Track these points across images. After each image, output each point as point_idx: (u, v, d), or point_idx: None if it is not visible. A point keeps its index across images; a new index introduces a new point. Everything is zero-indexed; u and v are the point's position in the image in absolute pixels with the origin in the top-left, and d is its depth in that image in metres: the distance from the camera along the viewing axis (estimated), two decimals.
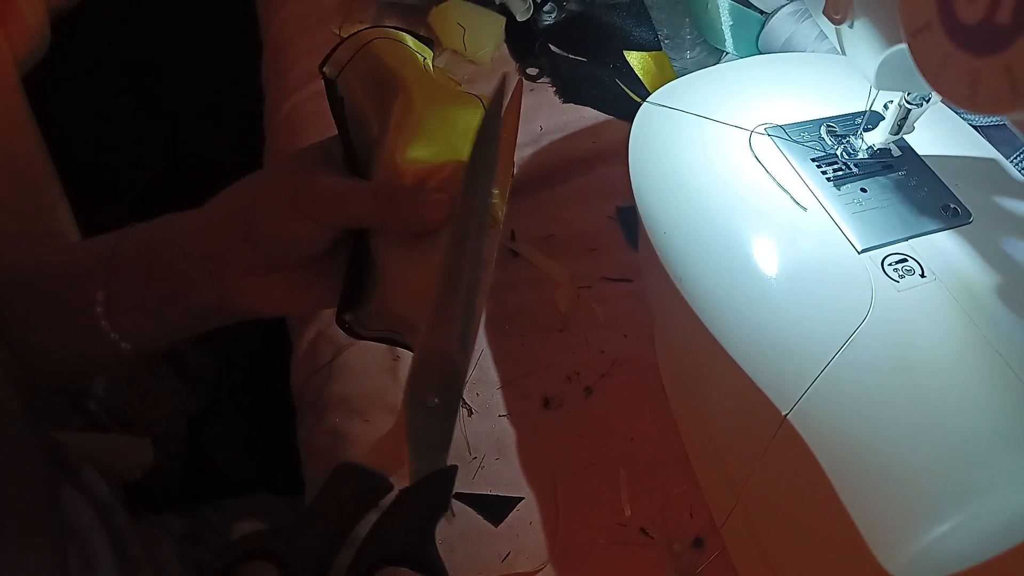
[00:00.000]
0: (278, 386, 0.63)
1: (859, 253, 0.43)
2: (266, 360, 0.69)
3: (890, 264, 0.43)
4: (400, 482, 0.35)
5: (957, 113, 0.53)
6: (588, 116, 0.69)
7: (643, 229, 0.48)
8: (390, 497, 0.35)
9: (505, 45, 0.75)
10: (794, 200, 0.46)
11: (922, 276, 0.42)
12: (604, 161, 0.66)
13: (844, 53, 0.42)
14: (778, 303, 0.42)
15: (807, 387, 0.38)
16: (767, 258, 0.44)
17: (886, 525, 0.34)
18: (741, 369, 0.40)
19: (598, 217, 0.63)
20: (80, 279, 0.43)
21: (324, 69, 0.40)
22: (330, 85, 0.40)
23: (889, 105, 0.45)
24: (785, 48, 0.68)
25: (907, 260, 0.43)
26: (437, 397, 0.37)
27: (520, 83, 0.44)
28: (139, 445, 0.64)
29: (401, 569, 0.32)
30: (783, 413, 0.38)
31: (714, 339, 0.42)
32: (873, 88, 0.42)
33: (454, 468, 0.35)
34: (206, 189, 0.44)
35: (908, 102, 0.43)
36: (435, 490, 0.34)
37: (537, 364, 0.55)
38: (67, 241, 0.68)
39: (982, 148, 0.50)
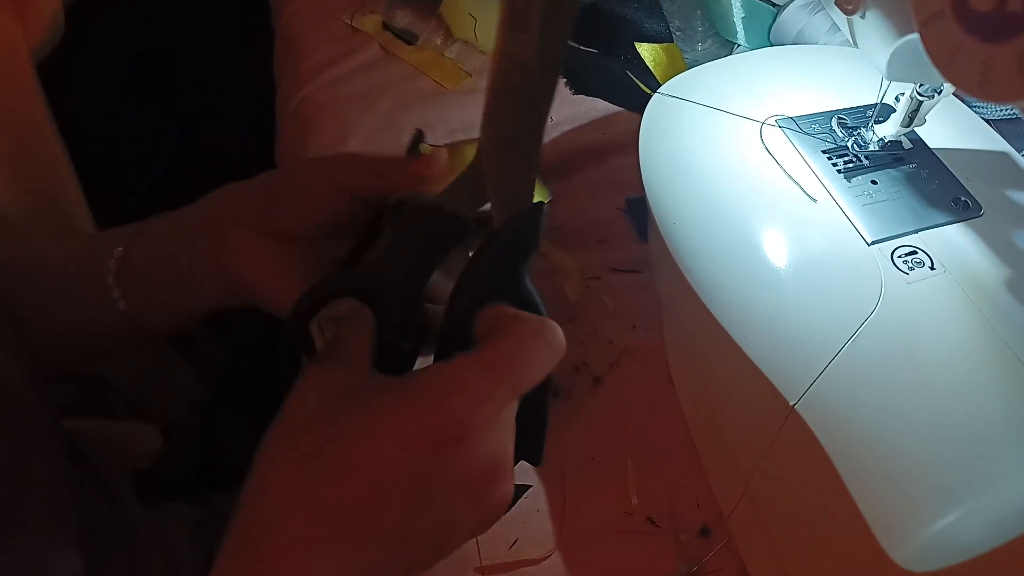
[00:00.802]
0: (289, 373, 0.63)
1: (869, 245, 0.43)
2: (276, 345, 0.69)
3: (900, 256, 0.43)
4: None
5: (969, 107, 0.53)
6: (599, 108, 0.70)
7: (653, 220, 0.48)
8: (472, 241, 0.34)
9: None
10: (804, 192, 0.46)
11: (931, 268, 0.42)
12: (614, 152, 0.66)
13: (856, 44, 0.42)
14: (787, 294, 0.42)
15: (815, 378, 0.38)
16: (777, 249, 0.44)
17: (893, 515, 0.34)
18: (750, 359, 0.40)
19: (608, 208, 0.63)
20: (100, 246, 0.44)
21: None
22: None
23: (900, 97, 0.45)
24: (797, 40, 0.68)
25: (917, 252, 0.43)
26: (517, 126, 0.32)
27: None
28: (149, 432, 0.64)
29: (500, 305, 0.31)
30: (791, 403, 0.38)
31: (723, 329, 0.42)
32: (885, 79, 0.42)
33: (542, 205, 0.33)
34: (218, 179, 0.45)
35: (920, 94, 0.43)
36: (524, 229, 0.32)
37: None
38: (83, 232, 0.69)
39: (994, 142, 0.50)
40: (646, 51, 0.72)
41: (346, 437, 0.28)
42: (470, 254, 0.33)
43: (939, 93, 0.43)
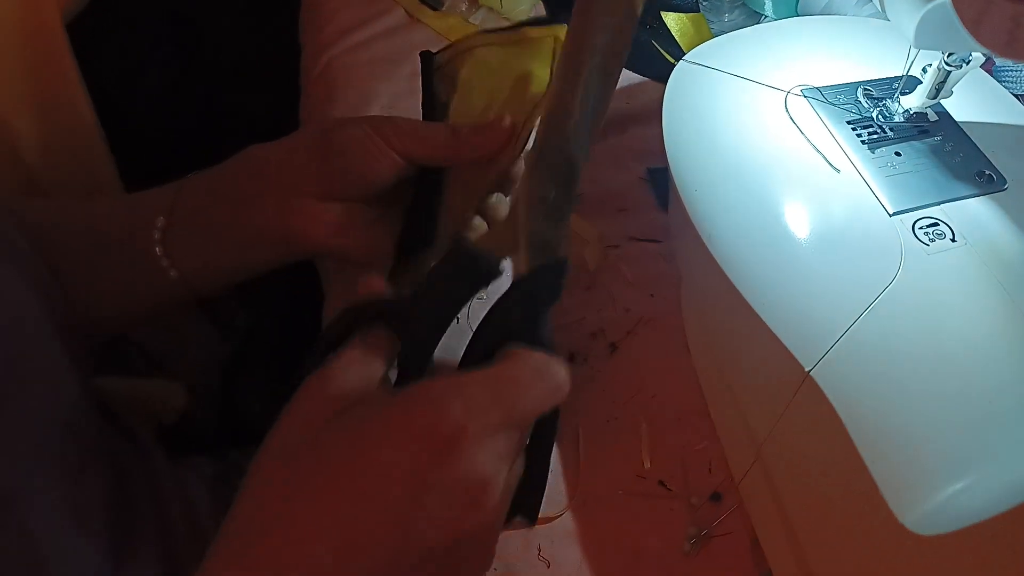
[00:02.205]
0: (310, 334, 0.64)
1: (890, 216, 0.43)
2: (298, 309, 0.70)
3: (921, 228, 0.43)
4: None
5: (998, 81, 0.53)
6: (623, 77, 0.69)
7: (674, 187, 0.48)
8: (500, 285, 0.35)
9: (541, 3, 0.75)
10: (827, 161, 0.46)
11: (953, 240, 0.42)
12: (637, 122, 0.66)
13: (884, 12, 0.41)
14: (807, 261, 0.42)
15: (832, 344, 0.38)
16: (798, 217, 0.44)
17: (904, 480, 0.35)
18: (767, 326, 0.40)
19: (629, 178, 0.63)
20: (141, 211, 0.45)
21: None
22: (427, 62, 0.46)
23: (928, 69, 0.45)
24: (825, 13, 0.68)
25: (938, 224, 0.43)
26: (554, 191, 0.36)
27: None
28: (173, 389, 0.65)
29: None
30: (807, 369, 0.38)
31: (741, 296, 0.42)
32: (912, 48, 0.42)
33: (565, 260, 0.35)
34: (243, 139, 0.45)
35: (947, 64, 0.42)
36: (547, 281, 0.34)
37: (564, 320, 0.56)
38: (112, 191, 0.70)
39: (1021, 116, 0.50)
40: (672, 20, 0.72)
41: (344, 441, 0.29)
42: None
43: (967, 63, 0.42)
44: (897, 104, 0.48)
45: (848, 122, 0.48)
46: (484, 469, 0.29)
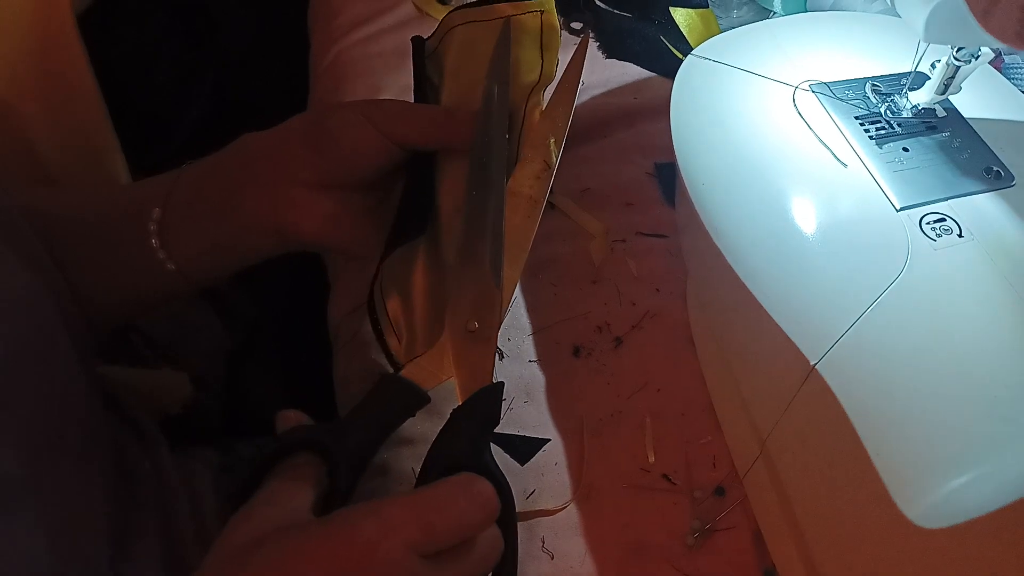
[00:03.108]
0: (315, 325, 0.64)
1: (897, 211, 0.43)
2: (303, 300, 0.71)
3: (928, 223, 0.43)
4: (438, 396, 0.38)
5: (1007, 78, 0.53)
6: (631, 72, 0.69)
7: (681, 181, 0.48)
8: (425, 411, 0.38)
9: None
10: (835, 156, 0.46)
11: (960, 236, 0.42)
12: (645, 117, 0.66)
13: (894, 6, 0.41)
14: (814, 256, 0.42)
15: (838, 338, 0.38)
16: (805, 212, 0.44)
17: (908, 473, 0.35)
18: (773, 320, 0.40)
19: (636, 173, 0.63)
20: (138, 201, 0.45)
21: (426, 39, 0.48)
22: (419, 47, 0.48)
23: (936, 64, 0.45)
24: (834, 9, 0.67)
25: (945, 220, 0.43)
26: (476, 321, 0.39)
27: (585, 41, 0.48)
28: (179, 380, 0.66)
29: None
30: (812, 363, 0.38)
31: (747, 290, 0.42)
32: (921, 43, 0.42)
33: (500, 384, 0.38)
34: (251, 131, 0.45)
35: (956, 59, 0.42)
36: (484, 406, 0.37)
37: (569, 313, 0.56)
38: (115, 186, 0.70)
39: None
40: (681, 16, 0.72)
41: (270, 563, 0.29)
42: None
43: (976, 59, 0.42)
44: (905, 100, 0.47)
45: (856, 117, 0.48)
46: None
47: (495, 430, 0.41)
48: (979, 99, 0.49)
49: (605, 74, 0.69)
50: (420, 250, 0.44)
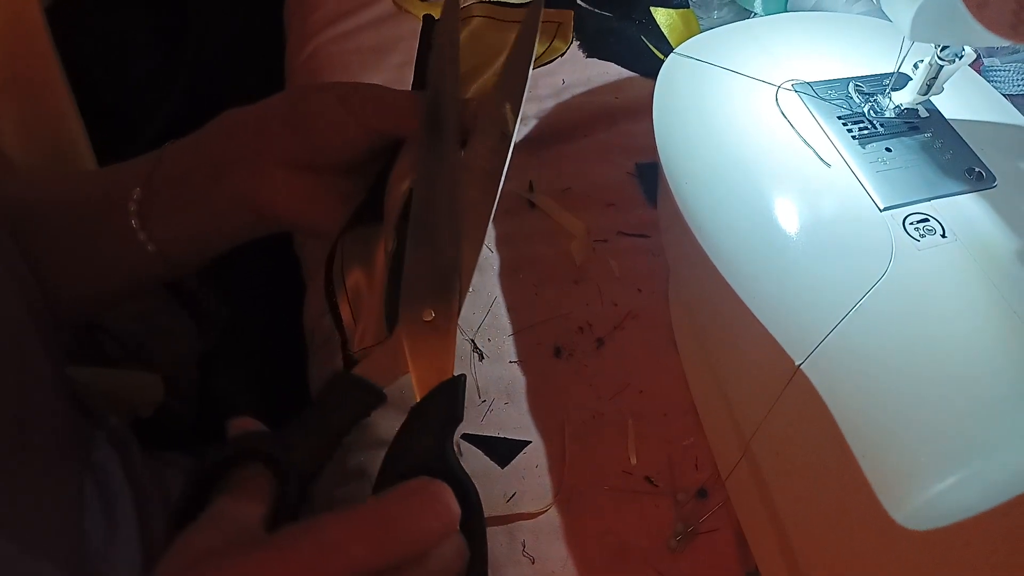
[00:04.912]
0: (289, 327, 0.63)
1: (881, 211, 0.43)
2: (277, 301, 0.69)
3: (911, 223, 0.42)
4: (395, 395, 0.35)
5: (988, 80, 0.53)
6: (612, 72, 0.69)
7: (664, 181, 0.48)
8: (402, 410, 0.35)
9: None
10: (818, 156, 0.46)
11: (943, 236, 0.42)
12: (626, 117, 0.66)
13: (879, 4, 0.41)
14: (797, 256, 0.42)
15: (822, 338, 0.38)
16: (788, 211, 0.43)
17: (895, 475, 0.34)
18: (757, 320, 0.40)
19: (617, 172, 0.63)
20: (118, 183, 0.44)
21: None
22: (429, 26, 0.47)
23: (919, 65, 0.45)
24: (815, 10, 0.67)
25: (929, 220, 0.43)
26: (432, 310, 0.36)
27: (539, 3, 0.44)
28: (151, 381, 0.64)
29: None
30: (797, 363, 0.38)
31: (731, 290, 0.42)
32: (906, 42, 0.42)
33: (461, 378, 0.34)
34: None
35: (940, 58, 0.42)
36: (446, 402, 0.34)
37: (550, 314, 0.55)
38: (94, 170, 0.68)
39: (1011, 116, 0.50)
40: (662, 16, 0.71)
41: None
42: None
43: (959, 58, 0.42)
44: (888, 100, 0.47)
45: (839, 117, 0.48)
46: None
47: (475, 433, 0.40)
48: (960, 101, 0.49)
49: (586, 73, 0.69)
50: (383, 233, 0.43)
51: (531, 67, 0.43)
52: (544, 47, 0.46)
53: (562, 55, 0.54)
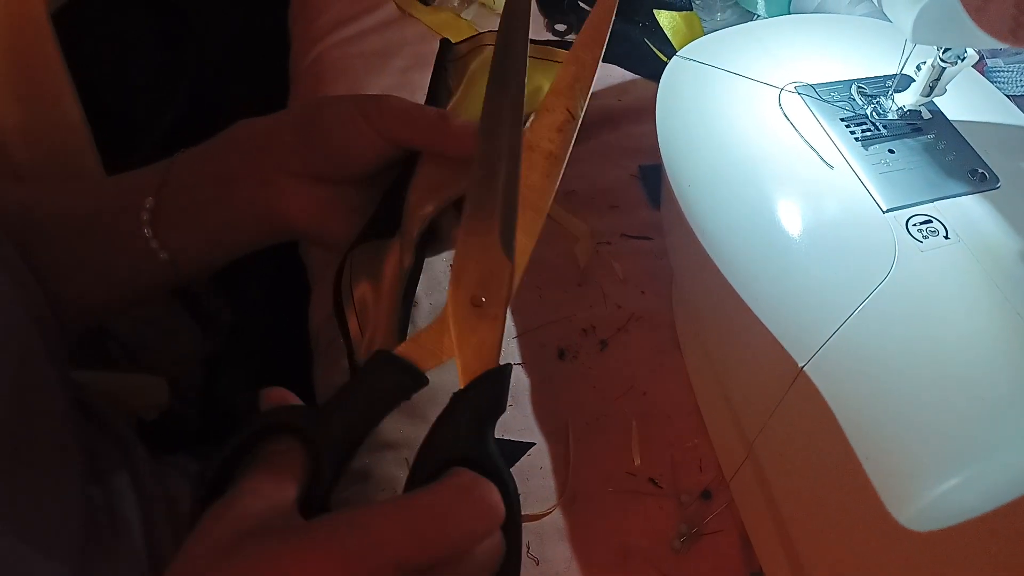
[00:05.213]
0: (294, 330, 0.63)
1: (884, 213, 0.43)
2: (282, 304, 0.70)
3: (914, 225, 0.43)
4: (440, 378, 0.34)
5: (991, 81, 0.53)
6: (615, 74, 0.69)
7: (667, 183, 0.48)
8: (425, 395, 0.33)
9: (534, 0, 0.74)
10: (821, 158, 0.46)
11: (946, 238, 0.42)
12: (629, 119, 0.66)
13: (881, 6, 0.41)
14: (801, 258, 0.42)
15: (826, 340, 0.38)
16: (792, 213, 0.43)
17: (898, 476, 0.34)
18: (760, 322, 0.40)
19: (621, 175, 0.63)
20: (130, 192, 0.44)
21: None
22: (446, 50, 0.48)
23: (922, 66, 0.45)
24: (818, 12, 0.68)
25: (932, 221, 0.43)
26: (484, 294, 0.34)
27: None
28: (156, 384, 0.64)
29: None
30: (800, 365, 0.38)
31: (734, 292, 0.42)
32: (908, 44, 0.42)
33: (508, 367, 0.33)
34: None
35: (942, 60, 0.42)
36: (491, 391, 0.32)
37: (554, 316, 0.55)
38: (104, 179, 0.69)
39: (1014, 117, 0.50)
40: (665, 19, 0.72)
41: (245, 570, 0.26)
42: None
43: (961, 60, 0.42)
44: (891, 102, 0.47)
45: (842, 119, 0.48)
46: None
47: None
48: (963, 102, 0.49)
49: None
50: (395, 247, 0.43)
51: (603, 48, 0.41)
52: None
53: None
